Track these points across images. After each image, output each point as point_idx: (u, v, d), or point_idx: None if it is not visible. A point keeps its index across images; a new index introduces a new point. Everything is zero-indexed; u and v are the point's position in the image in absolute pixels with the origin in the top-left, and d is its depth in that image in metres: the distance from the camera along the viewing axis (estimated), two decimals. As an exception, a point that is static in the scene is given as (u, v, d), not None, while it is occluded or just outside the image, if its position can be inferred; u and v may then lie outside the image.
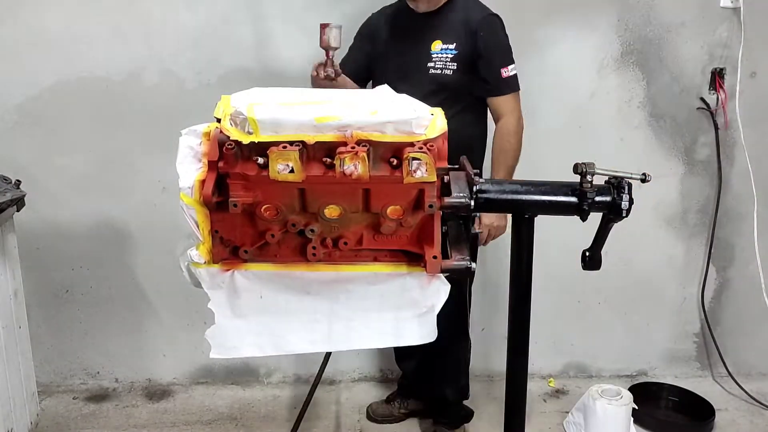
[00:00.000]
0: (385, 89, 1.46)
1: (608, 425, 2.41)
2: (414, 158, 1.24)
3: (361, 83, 2.40)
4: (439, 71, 2.24)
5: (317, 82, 2.14)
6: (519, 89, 2.31)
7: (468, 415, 2.65)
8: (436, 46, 2.25)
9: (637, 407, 2.46)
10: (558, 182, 1.40)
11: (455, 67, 2.23)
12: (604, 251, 1.46)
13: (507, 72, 2.26)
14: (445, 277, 1.36)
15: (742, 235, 2.95)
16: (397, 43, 2.32)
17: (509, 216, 1.65)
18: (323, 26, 2.06)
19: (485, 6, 2.29)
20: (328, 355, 2.31)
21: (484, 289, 2.67)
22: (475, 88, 2.25)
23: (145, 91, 2.64)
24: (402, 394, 2.69)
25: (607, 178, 1.40)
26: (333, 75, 2.12)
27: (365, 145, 1.25)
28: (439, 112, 1.33)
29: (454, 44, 2.23)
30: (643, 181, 1.37)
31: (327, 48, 2.09)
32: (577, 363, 3.08)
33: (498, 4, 2.68)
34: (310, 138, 1.25)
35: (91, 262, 2.79)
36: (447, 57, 2.23)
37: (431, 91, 2.16)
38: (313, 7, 2.63)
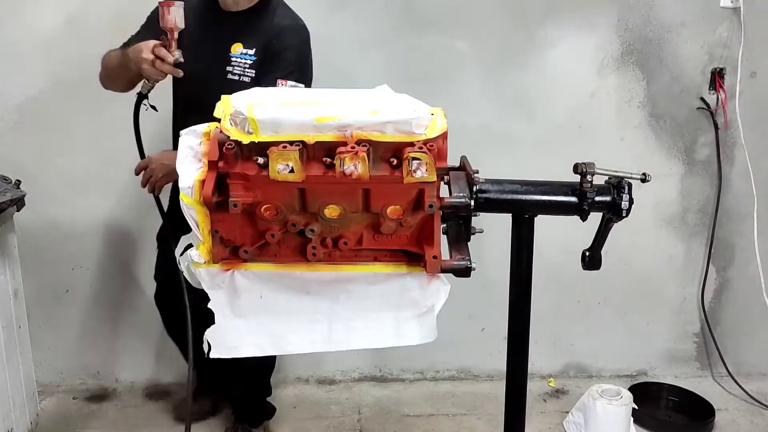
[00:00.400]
0: (384, 89, 1.46)
1: (608, 425, 2.41)
2: (414, 158, 1.24)
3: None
4: (237, 78, 2.08)
5: (155, 70, 1.87)
6: None
7: (270, 411, 2.61)
8: (236, 49, 2.09)
9: (637, 407, 2.46)
10: (558, 182, 1.41)
11: (253, 75, 2.08)
12: (604, 251, 1.46)
13: (281, 84, 2.05)
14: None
15: (742, 235, 2.95)
16: (197, 40, 2.10)
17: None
18: (167, 4, 1.83)
19: (297, 15, 2.17)
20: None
21: (484, 289, 2.66)
22: None
23: (145, 91, 2.64)
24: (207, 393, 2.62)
25: (607, 178, 1.40)
26: (182, 59, 1.90)
27: (365, 145, 1.25)
28: (439, 112, 1.33)
29: (254, 50, 2.08)
30: (643, 181, 1.37)
31: (173, 29, 1.86)
32: (577, 363, 3.08)
33: (498, 4, 2.70)
34: (310, 138, 1.26)
35: (91, 262, 2.79)
36: (246, 63, 2.09)
37: None
38: (312, 7, 2.63)
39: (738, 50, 2.76)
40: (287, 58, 2.09)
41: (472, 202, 1.34)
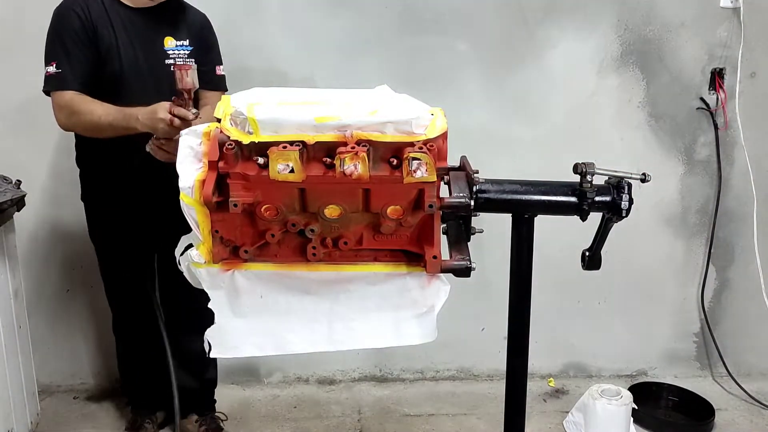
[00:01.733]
0: (384, 89, 1.46)
1: (608, 425, 2.41)
2: (414, 158, 1.24)
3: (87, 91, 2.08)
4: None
5: (174, 129, 1.83)
6: (227, 90, 2.29)
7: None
8: (169, 42, 2.16)
9: (637, 407, 2.46)
10: (558, 182, 1.41)
11: (193, 63, 2.14)
12: (604, 251, 1.46)
13: (220, 71, 2.29)
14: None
15: (742, 235, 2.95)
16: (125, 39, 2.10)
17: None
18: (184, 67, 1.89)
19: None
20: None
21: (484, 289, 2.66)
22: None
23: (145, 91, 2.64)
24: (146, 414, 2.54)
25: (607, 178, 1.40)
26: (200, 116, 1.93)
27: (365, 145, 1.25)
28: (439, 112, 1.33)
29: (188, 41, 2.18)
30: (643, 181, 1.37)
31: (191, 90, 1.91)
32: (577, 363, 3.08)
33: (498, 5, 2.70)
34: (310, 138, 1.26)
35: (91, 262, 2.79)
36: (184, 53, 2.17)
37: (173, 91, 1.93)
38: (313, 7, 2.63)
39: (738, 50, 2.76)
40: (216, 47, 2.30)
41: (472, 202, 1.34)
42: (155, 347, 2.29)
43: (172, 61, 2.14)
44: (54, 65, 2.04)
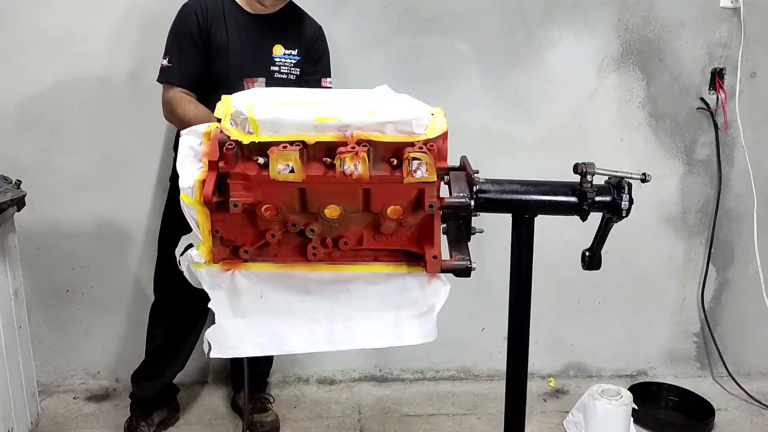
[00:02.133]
0: (384, 89, 1.46)
1: (608, 425, 2.41)
2: (414, 158, 1.24)
3: (195, 92, 2.21)
4: (284, 76, 2.25)
5: None
6: None
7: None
8: (278, 50, 2.24)
9: (637, 407, 2.46)
10: (558, 182, 1.41)
11: (297, 73, 2.27)
12: (604, 251, 1.46)
13: (326, 83, 2.33)
14: None
15: (742, 235, 2.95)
16: (236, 43, 2.21)
17: None
18: (250, 81, 1.96)
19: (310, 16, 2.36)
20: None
21: (484, 289, 2.66)
22: None
23: (145, 91, 2.64)
24: (142, 414, 2.54)
25: (607, 178, 1.40)
26: None
27: (365, 145, 1.25)
28: (439, 112, 1.33)
29: (296, 50, 2.26)
30: (643, 181, 1.37)
31: None
32: (577, 363, 3.08)
33: (498, 5, 2.70)
34: (311, 138, 1.26)
35: (91, 262, 2.79)
36: (291, 62, 2.26)
37: None
38: (313, 8, 2.63)
39: (738, 50, 2.76)
40: (326, 59, 2.36)
41: (472, 202, 1.34)
42: (188, 337, 2.40)
43: (277, 68, 2.24)
44: (167, 59, 2.19)
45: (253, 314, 1.39)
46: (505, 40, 2.73)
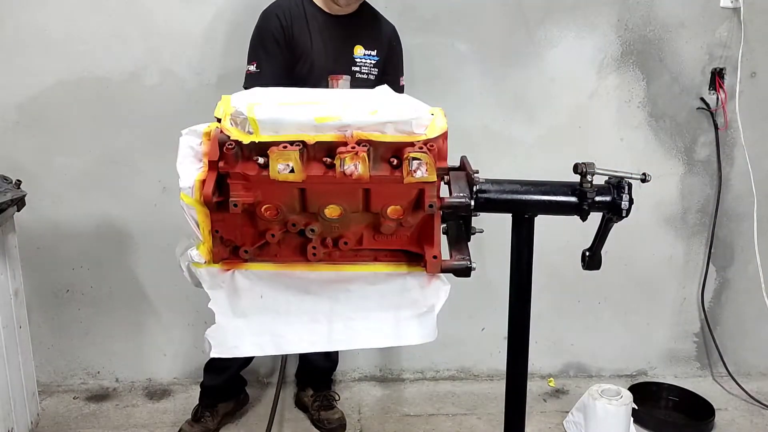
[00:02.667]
0: (384, 89, 1.46)
1: (608, 425, 2.41)
2: (414, 158, 1.24)
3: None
4: (365, 76, 2.28)
5: None
6: None
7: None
8: (359, 51, 2.27)
9: (637, 407, 2.46)
10: (558, 182, 1.41)
11: (376, 73, 2.30)
12: (604, 251, 1.46)
13: (402, 81, 2.39)
14: None
15: (742, 235, 2.95)
16: (319, 46, 2.25)
17: None
18: (336, 78, 2.00)
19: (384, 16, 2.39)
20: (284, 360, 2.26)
21: (484, 289, 2.66)
22: None
23: (145, 91, 2.64)
24: (208, 405, 2.56)
25: (607, 178, 1.40)
26: None
27: (365, 145, 1.25)
28: (439, 112, 1.33)
29: (375, 51, 2.29)
30: (643, 181, 1.37)
31: None
32: (577, 363, 3.08)
33: (498, 5, 2.70)
34: (311, 138, 1.26)
35: (91, 262, 2.79)
36: (371, 63, 2.28)
37: None
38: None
39: (738, 50, 2.76)
40: (401, 58, 2.40)
41: (472, 202, 1.34)
42: None
43: (358, 69, 2.27)
44: (254, 65, 2.22)
45: (253, 314, 1.39)
46: (505, 40, 2.73)
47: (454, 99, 2.70)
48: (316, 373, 2.74)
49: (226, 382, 2.58)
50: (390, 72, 2.34)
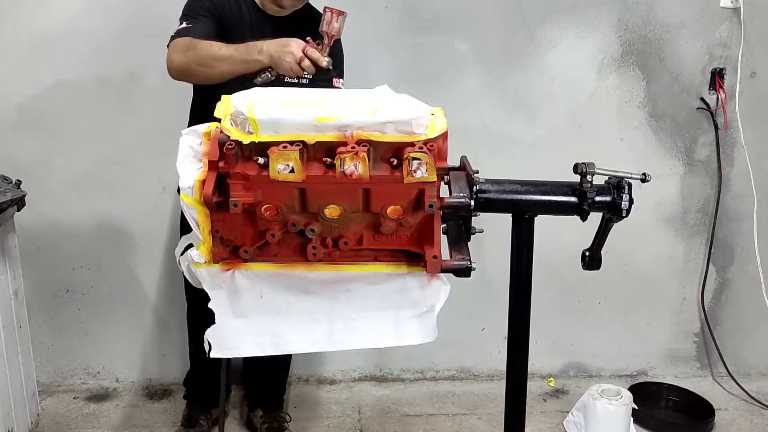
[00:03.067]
0: (384, 89, 1.46)
1: (608, 425, 2.41)
2: (414, 158, 1.24)
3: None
4: (296, 80, 2.09)
5: (297, 68, 1.84)
6: None
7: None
8: None
9: (637, 407, 2.46)
10: (558, 182, 1.41)
11: (309, 77, 2.12)
12: (604, 251, 1.46)
13: (338, 84, 2.21)
14: None
15: (742, 235, 2.95)
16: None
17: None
18: (336, 11, 1.86)
19: None
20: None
21: (484, 289, 2.66)
22: None
23: (145, 91, 2.64)
24: (201, 411, 2.53)
25: (607, 178, 1.40)
26: (331, 66, 1.88)
27: (365, 145, 1.25)
28: (439, 112, 1.33)
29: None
30: (643, 181, 1.37)
31: (333, 36, 1.88)
32: (577, 363, 3.08)
33: (498, 5, 2.70)
34: (311, 138, 1.26)
35: (91, 262, 2.79)
36: (309, 40, 2.03)
37: None
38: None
39: (738, 50, 2.76)
40: (338, 59, 2.21)
41: (472, 202, 1.34)
42: None
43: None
44: (184, 23, 2.03)
45: (253, 314, 1.39)
46: (505, 40, 2.73)
47: (454, 99, 2.70)
48: (264, 392, 2.60)
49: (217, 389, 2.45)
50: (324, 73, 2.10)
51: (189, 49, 1.97)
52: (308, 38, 1.85)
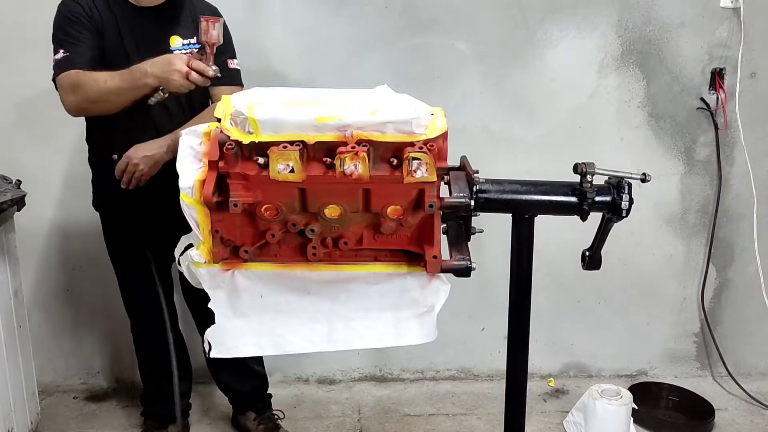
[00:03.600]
0: (384, 89, 1.47)
1: (608, 425, 2.41)
2: (414, 158, 1.24)
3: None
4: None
5: (186, 82, 1.83)
6: (242, 85, 2.19)
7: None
8: (176, 41, 2.06)
9: (637, 407, 2.46)
10: (558, 182, 1.41)
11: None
12: (604, 251, 1.46)
13: (233, 65, 2.17)
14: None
15: (742, 235, 2.95)
16: (130, 40, 2.05)
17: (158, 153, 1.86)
18: (211, 19, 1.84)
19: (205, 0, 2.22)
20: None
21: (484, 289, 2.66)
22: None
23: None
24: (158, 428, 2.49)
25: (607, 178, 1.40)
26: (219, 74, 1.88)
27: (365, 145, 1.25)
28: (439, 112, 1.33)
29: (195, 38, 2.04)
30: (643, 181, 1.37)
31: (214, 44, 1.85)
32: (577, 363, 3.08)
33: (498, 4, 2.70)
34: (311, 138, 1.26)
35: (91, 262, 2.79)
36: (192, 52, 2.00)
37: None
38: (313, 8, 2.63)
39: (738, 50, 2.76)
40: (230, 39, 2.16)
41: (472, 202, 1.34)
42: (174, 354, 2.15)
43: None
44: (61, 52, 1.97)
45: (253, 314, 1.39)
46: (505, 40, 2.73)
47: (454, 99, 2.70)
48: (247, 395, 2.55)
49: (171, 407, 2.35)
50: (216, 55, 1.96)
51: (76, 88, 1.95)
52: (190, 50, 1.85)
